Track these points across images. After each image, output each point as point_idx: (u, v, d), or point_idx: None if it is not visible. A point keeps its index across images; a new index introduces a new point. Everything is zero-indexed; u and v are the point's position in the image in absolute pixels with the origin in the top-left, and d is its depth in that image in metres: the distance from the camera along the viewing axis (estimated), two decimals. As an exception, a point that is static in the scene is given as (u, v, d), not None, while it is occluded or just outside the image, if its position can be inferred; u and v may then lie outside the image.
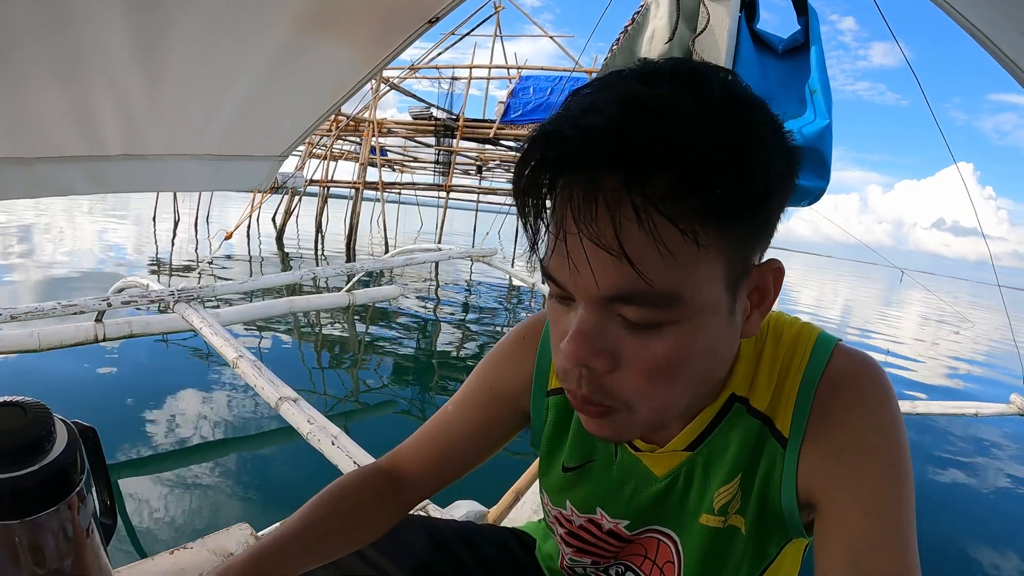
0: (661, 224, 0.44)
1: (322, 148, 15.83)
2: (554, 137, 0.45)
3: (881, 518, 0.53)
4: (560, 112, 0.48)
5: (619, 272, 0.46)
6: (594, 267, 0.46)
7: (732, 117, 0.46)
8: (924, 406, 3.70)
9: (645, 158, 0.43)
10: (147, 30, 0.86)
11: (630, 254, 0.45)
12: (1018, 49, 0.86)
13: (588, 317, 0.49)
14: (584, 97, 0.47)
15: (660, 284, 0.46)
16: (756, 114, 0.48)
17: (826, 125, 1.32)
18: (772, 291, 0.54)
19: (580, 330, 0.49)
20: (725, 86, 0.48)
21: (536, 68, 13.67)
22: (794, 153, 0.51)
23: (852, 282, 37.10)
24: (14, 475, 0.49)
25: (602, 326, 0.49)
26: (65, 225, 14.95)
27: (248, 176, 1.38)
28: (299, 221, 17.51)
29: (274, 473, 3.19)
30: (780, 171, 0.49)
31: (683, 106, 0.44)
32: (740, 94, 0.48)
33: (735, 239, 0.48)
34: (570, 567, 0.77)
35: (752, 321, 0.54)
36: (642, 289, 0.46)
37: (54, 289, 6.85)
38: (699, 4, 1.38)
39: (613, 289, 0.47)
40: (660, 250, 0.45)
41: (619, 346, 0.50)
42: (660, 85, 0.46)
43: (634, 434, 0.57)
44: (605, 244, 0.45)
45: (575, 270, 0.48)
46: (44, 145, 0.97)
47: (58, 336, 3.46)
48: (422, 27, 1.13)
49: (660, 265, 0.45)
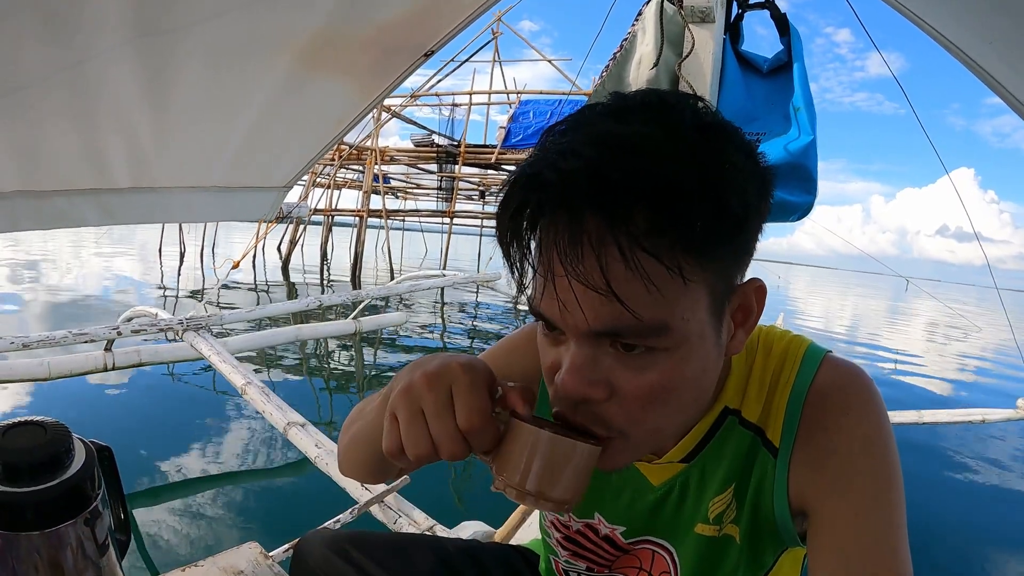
0: (646, 261, 0.45)
1: (325, 177, 15.95)
2: (534, 181, 0.47)
3: (871, 524, 0.54)
4: (538, 154, 0.49)
5: (608, 308, 0.47)
6: (583, 305, 0.48)
7: (704, 148, 0.47)
8: (931, 415, 3.67)
9: (623, 196, 0.45)
10: (154, 69, 0.91)
11: (617, 291, 0.46)
12: (987, 57, 0.89)
13: (581, 352, 0.51)
14: (559, 137, 0.49)
15: (648, 317, 0.47)
16: (728, 141, 0.50)
17: (810, 141, 1.36)
18: (755, 309, 0.56)
19: (575, 364, 0.51)
20: (696, 115, 0.49)
21: (535, 92, 13.82)
22: (767, 174, 0.53)
23: (858, 293, 36.86)
24: (35, 489, 0.52)
25: (595, 359, 0.51)
26: (72, 257, 15.09)
27: (253, 207, 1.42)
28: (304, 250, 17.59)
29: (283, 496, 3.21)
30: (755, 195, 0.50)
31: (656, 141, 0.46)
32: (711, 122, 0.50)
33: (716, 265, 0.50)
34: (565, 571, 0.78)
35: (737, 339, 0.56)
36: (630, 323, 0.47)
37: (61, 321, 6.89)
38: (684, 29, 1.42)
39: (603, 325, 0.48)
40: (647, 286, 0.46)
41: (612, 376, 0.51)
42: (632, 121, 0.48)
43: (629, 460, 0.58)
44: (593, 284, 0.46)
45: (564, 309, 0.49)
46: (56, 179, 1.01)
47: (68, 365, 3.50)
48: (418, 60, 1.17)
49: (647, 300, 0.47)
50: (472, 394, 0.50)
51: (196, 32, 0.87)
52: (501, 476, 0.51)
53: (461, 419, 0.49)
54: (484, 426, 0.49)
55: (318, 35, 0.99)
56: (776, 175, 0.55)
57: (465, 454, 0.51)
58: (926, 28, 0.96)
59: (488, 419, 0.50)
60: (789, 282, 44.23)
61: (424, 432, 0.50)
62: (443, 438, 0.50)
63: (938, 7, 0.91)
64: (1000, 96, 0.95)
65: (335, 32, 1.00)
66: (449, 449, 0.50)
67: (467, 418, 0.49)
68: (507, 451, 0.51)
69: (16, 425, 0.55)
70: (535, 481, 0.50)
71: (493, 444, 0.51)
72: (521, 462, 0.50)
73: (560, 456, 0.50)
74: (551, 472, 0.50)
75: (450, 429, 0.49)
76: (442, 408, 0.50)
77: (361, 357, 6.83)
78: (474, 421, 0.49)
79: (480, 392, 0.50)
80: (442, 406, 0.50)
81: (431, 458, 0.51)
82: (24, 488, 0.51)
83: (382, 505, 1.83)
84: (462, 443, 0.50)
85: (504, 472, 0.51)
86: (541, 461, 0.50)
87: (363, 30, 1.04)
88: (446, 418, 0.50)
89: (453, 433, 0.49)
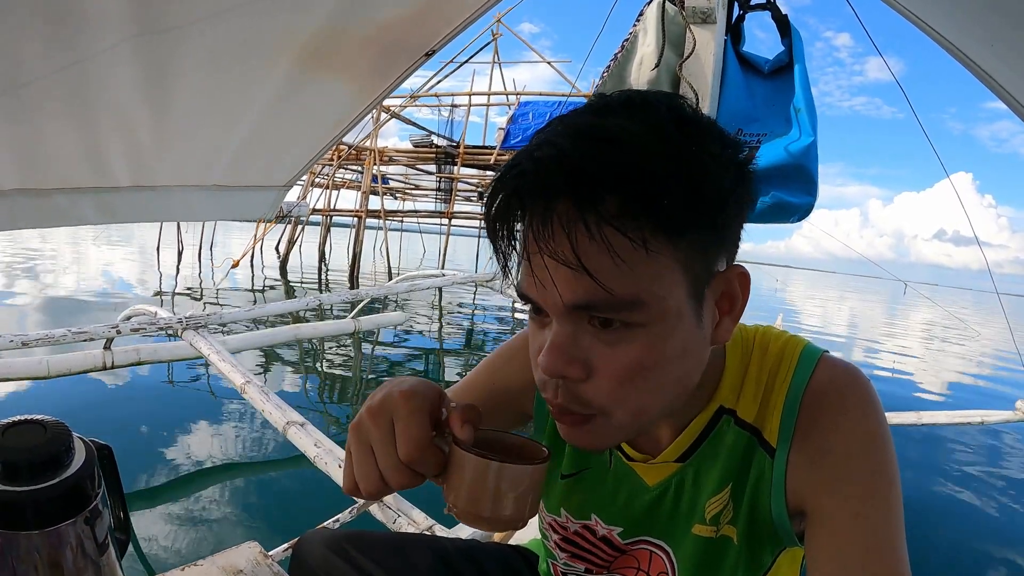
0: (612, 235, 0.48)
1: (324, 177, 15.97)
2: (514, 171, 0.50)
3: (868, 523, 0.54)
4: (524, 147, 0.52)
5: (579, 283, 0.49)
6: (557, 281, 0.50)
7: (678, 138, 0.49)
8: (930, 416, 3.68)
9: (594, 183, 0.47)
10: (155, 67, 0.91)
11: (587, 265, 0.48)
12: (989, 60, 0.89)
13: (560, 330, 0.53)
14: (541, 132, 0.52)
15: (619, 291, 0.49)
16: (703, 132, 0.52)
17: (811, 142, 1.36)
18: (740, 297, 0.57)
19: (554, 343, 0.52)
20: (672, 110, 0.52)
21: (535, 93, 13.82)
22: (746, 164, 0.54)
23: (856, 297, 36.91)
24: (35, 488, 0.51)
25: (574, 337, 0.52)
26: (70, 255, 15.06)
27: (253, 205, 1.41)
28: (302, 250, 17.60)
29: (282, 495, 3.20)
30: (731, 181, 0.52)
31: (630, 132, 0.48)
32: (687, 116, 0.52)
33: (693, 248, 0.51)
34: (564, 573, 0.78)
35: (723, 327, 0.57)
36: (602, 297, 0.49)
37: (59, 320, 6.88)
38: (685, 30, 1.42)
39: (576, 299, 0.50)
40: (614, 259, 0.48)
41: (591, 355, 0.53)
42: (611, 116, 0.51)
43: (612, 441, 0.59)
44: (563, 259, 0.49)
45: (541, 286, 0.51)
46: (56, 177, 1.01)
47: (67, 363, 3.50)
48: (419, 60, 1.17)
49: (616, 273, 0.49)
50: (410, 424, 0.51)
51: (197, 31, 0.87)
52: (449, 500, 0.52)
53: (401, 450, 0.50)
54: (423, 456, 0.51)
55: (319, 34, 0.99)
56: (776, 176, 0.56)
57: (416, 482, 0.52)
58: (928, 30, 0.96)
59: (427, 448, 0.51)
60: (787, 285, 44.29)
61: (373, 467, 0.52)
62: (389, 471, 0.51)
63: (940, 9, 0.91)
64: (1001, 99, 0.95)
65: (336, 31, 1.00)
66: (397, 480, 0.51)
67: (406, 450, 0.50)
68: (451, 477, 0.52)
69: (16, 424, 0.54)
70: (481, 505, 0.51)
71: (438, 469, 0.52)
72: (463, 488, 0.51)
73: (500, 480, 0.51)
74: (495, 495, 0.51)
75: (393, 461, 0.51)
76: (385, 440, 0.51)
77: (360, 356, 6.83)
78: (412, 452, 0.50)
79: (418, 421, 0.51)
80: (384, 439, 0.51)
81: (384, 491, 0.53)
82: (24, 487, 0.51)
83: (381, 504, 1.83)
84: (408, 473, 0.51)
85: (450, 496, 0.52)
86: (481, 486, 0.51)
87: (364, 29, 1.04)
88: (389, 451, 0.51)
89: (396, 464, 0.51)
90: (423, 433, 0.51)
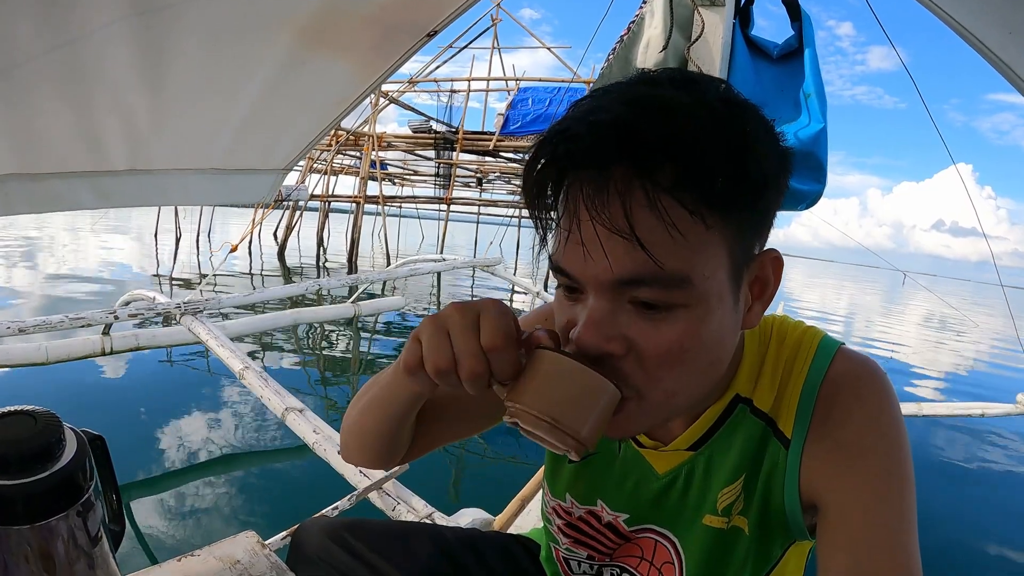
0: (670, 206, 0.46)
1: (322, 163, 15.89)
2: (564, 135, 0.48)
3: (881, 518, 0.54)
4: (567, 116, 0.50)
5: (631, 256, 0.47)
6: (608, 251, 0.48)
7: (728, 117, 0.49)
8: (930, 408, 3.71)
9: (651, 149, 0.46)
10: (151, 47, 0.88)
11: (641, 237, 0.47)
12: (1007, 49, 0.87)
13: (600, 304, 0.51)
14: (591, 100, 0.50)
15: (670, 266, 0.48)
16: (750, 116, 0.51)
17: (821, 129, 1.34)
18: (772, 281, 0.56)
19: (593, 317, 0.51)
20: (719, 91, 0.51)
21: (534, 79, 13.70)
22: (786, 153, 0.54)
23: (855, 286, 37.02)
24: (25, 481, 0.50)
25: (614, 313, 0.51)
26: (68, 241, 15.02)
27: (252, 189, 1.39)
28: (300, 235, 17.56)
29: (281, 482, 3.21)
30: (774, 167, 0.51)
31: (684, 104, 0.48)
32: (734, 98, 0.51)
33: (736, 228, 0.50)
34: (566, 559, 0.77)
35: (754, 312, 0.56)
36: (653, 271, 0.48)
37: (57, 306, 6.87)
38: (693, 12, 1.40)
39: (626, 272, 0.48)
40: (671, 232, 0.47)
41: (631, 331, 0.51)
42: (661, 87, 0.50)
43: (642, 426, 0.58)
44: (618, 228, 0.47)
45: (589, 257, 0.49)
46: (52, 161, 0.99)
47: (65, 349, 3.49)
48: (420, 41, 1.15)
49: (670, 247, 0.47)
50: (499, 318, 0.51)
51: (194, 8, 0.85)
52: (517, 403, 0.50)
53: (485, 338, 0.50)
54: (507, 347, 0.50)
55: (319, 11, 0.97)
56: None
57: (485, 375, 0.50)
58: (945, 17, 0.93)
59: (512, 341, 0.50)
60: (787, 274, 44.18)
61: (447, 346, 0.51)
62: (465, 354, 0.50)
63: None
64: (1018, 88, 0.93)
65: (337, 9, 0.98)
66: (469, 366, 0.50)
67: (491, 337, 0.50)
68: (528, 377, 0.50)
69: (5, 415, 0.53)
70: (553, 407, 0.49)
71: (514, 371, 0.51)
72: (542, 387, 0.49)
73: (583, 387, 0.49)
74: (571, 401, 0.49)
75: (473, 346, 0.50)
76: (468, 327, 0.51)
77: (359, 341, 6.83)
78: (498, 341, 0.49)
79: (507, 317, 0.51)
80: (468, 326, 0.51)
81: (449, 376, 0.51)
82: (14, 480, 0.50)
83: (381, 492, 1.82)
84: (483, 361, 0.50)
85: (522, 398, 0.50)
86: (562, 388, 0.49)
87: (365, 7, 1.01)
88: (470, 336, 0.50)
89: (476, 350, 0.50)
90: (511, 327, 0.51)
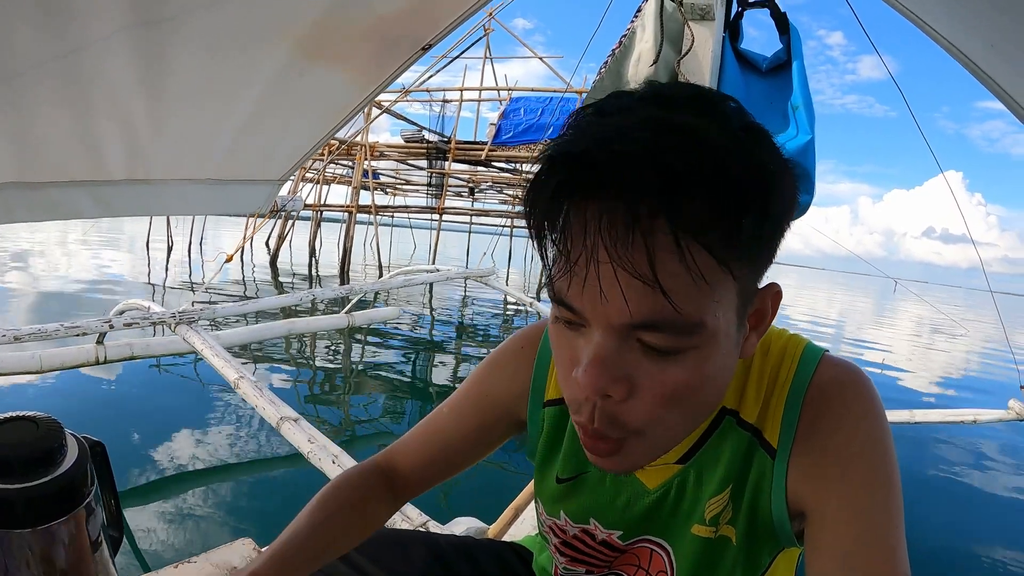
0: (697, 253, 0.44)
1: (315, 172, 15.87)
2: (583, 160, 0.44)
3: (869, 524, 0.54)
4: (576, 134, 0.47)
5: (649, 300, 0.45)
6: (626, 294, 0.45)
7: (752, 146, 0.47)
8: (922, 415, 3.70)
9: (681, 184, 0.43)
10: (151, 58, 0.89)
11: (664, 284, 0.44)
12: (989, 61, 0.89)
13: (607, 344, 0.48)
14: (603, 120, 0.46)
15: (687, 312, 0.45)
16: (768, 143, 0.49)
17: (809, 140, 1.36)
18: (769, 314, 0.55)
19: (599, 356, 0.48)
20: (740, 115, 0.48)
21: (527, 89, 13.73)
22: (796, 177, 0.52)
23: (846, 294, 37.10)
24: (27, 485, 0.50)
25: (620, 353, 0.48)
26: (60, 251, 14.93)
27: (248, 200, 1.40)
28: (292, 245, 17.52)
29: (276, 492, 3.20)
30: (791, 197, 0.50)
31: (711, 133, 0.44)
32: (752, 124, 0.49)
33: (749, 268, 0.49)
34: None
35: (750, 342, 0.55)
36: (670, 317, 0.45)
37: (50, 316, 6.83)
38: (683, 26, 1.42)
39: (642, 317, 0.46)
40: (695, 279, 0.44)
41: (636, 372, 0.49)
42: (678, 110, 0.46)
43: (639, 464, 0.56)
44: (639, 274, 0.44)
45: (604, 298, 0.46)
46: (51, 170, 1.00)
47: (59, 358, 3.48)
48: (416, 53, 1.16)
49: (692, 293, 0.45)
50: None
51: (194, 20, 0.85)
52: None
53: None
54: None
55: (317, 24, 0.98)
56: None
57: None
58: (927, 29, 0.95)
59: None
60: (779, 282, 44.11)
61: None
62: None
63: (941, 8, 0.91)
64: (1000, 99, 0.95)
65: (334, 22, 0.99)
66: None
67: None
68: None
69: (7, 420, 0.53)
70: None
71: None
72: None
73: None
74: None
75: None
76: None
77: (352, 351, 6.82)
78: None
79: None
80: None
81: None
82: (16, 484, 0.50)
83: (374, 502, 1.82)
84: None
85: None
86: None
87: (363, 21, 1.03)
88: None
89: None
90: None
